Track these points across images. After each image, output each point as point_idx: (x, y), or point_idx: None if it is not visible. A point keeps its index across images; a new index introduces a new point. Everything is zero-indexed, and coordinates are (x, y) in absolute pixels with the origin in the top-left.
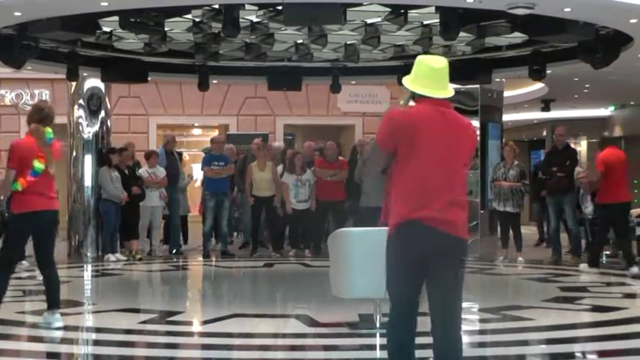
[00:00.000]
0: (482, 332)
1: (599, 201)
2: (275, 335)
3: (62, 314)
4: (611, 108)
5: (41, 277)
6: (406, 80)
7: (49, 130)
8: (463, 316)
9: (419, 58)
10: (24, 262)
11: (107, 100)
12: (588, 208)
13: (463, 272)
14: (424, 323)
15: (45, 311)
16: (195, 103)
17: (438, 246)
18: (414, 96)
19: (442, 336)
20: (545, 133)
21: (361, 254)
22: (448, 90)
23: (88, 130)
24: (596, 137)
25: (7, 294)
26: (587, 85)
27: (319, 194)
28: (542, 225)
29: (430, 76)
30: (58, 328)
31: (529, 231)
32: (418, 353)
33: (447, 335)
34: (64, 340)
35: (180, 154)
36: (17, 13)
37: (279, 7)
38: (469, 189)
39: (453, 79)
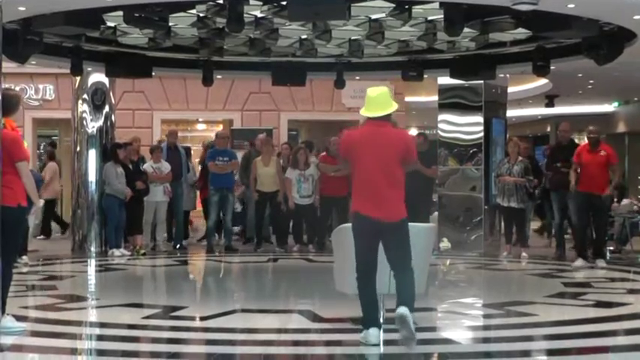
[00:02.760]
0: (486, 328)
1: (584, 190)
2: (278, 331)
3: (66, 309)
4: (615, 104)
5: (44, 273)
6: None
7: None
8: (467, 311)
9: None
10: (24, 257)
11: (111, 94)
12: None
13: (406, 237)
14: (426, 319)
15: None
16: (200, 98)
17: (379, 228)
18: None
19: (398, 274)
20: (549, 129)
21: None
22: (381, 111)
23: (92, 125)
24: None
25: (10, 289)
26: (591, 81)
27: (323, 189)
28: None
29: (368, 102)
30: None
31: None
32: (421, 349)
33: (400, 272)
34: (67, 335)
35: (188, 149)
36: (21, 8)
37: (284, 3)
38: (472, 185)
39: (457, 74)
